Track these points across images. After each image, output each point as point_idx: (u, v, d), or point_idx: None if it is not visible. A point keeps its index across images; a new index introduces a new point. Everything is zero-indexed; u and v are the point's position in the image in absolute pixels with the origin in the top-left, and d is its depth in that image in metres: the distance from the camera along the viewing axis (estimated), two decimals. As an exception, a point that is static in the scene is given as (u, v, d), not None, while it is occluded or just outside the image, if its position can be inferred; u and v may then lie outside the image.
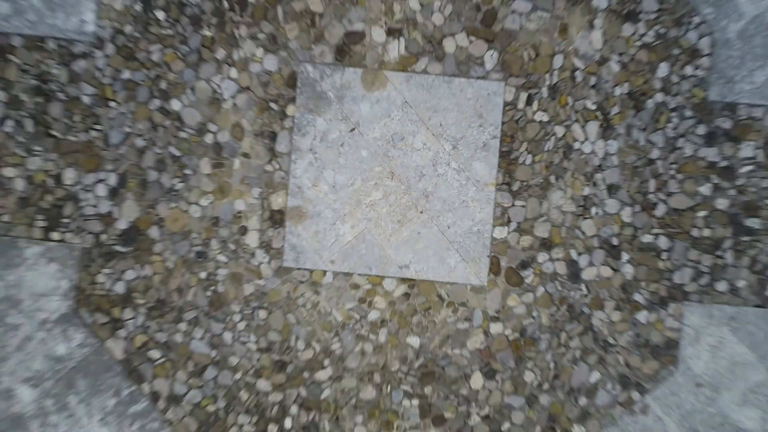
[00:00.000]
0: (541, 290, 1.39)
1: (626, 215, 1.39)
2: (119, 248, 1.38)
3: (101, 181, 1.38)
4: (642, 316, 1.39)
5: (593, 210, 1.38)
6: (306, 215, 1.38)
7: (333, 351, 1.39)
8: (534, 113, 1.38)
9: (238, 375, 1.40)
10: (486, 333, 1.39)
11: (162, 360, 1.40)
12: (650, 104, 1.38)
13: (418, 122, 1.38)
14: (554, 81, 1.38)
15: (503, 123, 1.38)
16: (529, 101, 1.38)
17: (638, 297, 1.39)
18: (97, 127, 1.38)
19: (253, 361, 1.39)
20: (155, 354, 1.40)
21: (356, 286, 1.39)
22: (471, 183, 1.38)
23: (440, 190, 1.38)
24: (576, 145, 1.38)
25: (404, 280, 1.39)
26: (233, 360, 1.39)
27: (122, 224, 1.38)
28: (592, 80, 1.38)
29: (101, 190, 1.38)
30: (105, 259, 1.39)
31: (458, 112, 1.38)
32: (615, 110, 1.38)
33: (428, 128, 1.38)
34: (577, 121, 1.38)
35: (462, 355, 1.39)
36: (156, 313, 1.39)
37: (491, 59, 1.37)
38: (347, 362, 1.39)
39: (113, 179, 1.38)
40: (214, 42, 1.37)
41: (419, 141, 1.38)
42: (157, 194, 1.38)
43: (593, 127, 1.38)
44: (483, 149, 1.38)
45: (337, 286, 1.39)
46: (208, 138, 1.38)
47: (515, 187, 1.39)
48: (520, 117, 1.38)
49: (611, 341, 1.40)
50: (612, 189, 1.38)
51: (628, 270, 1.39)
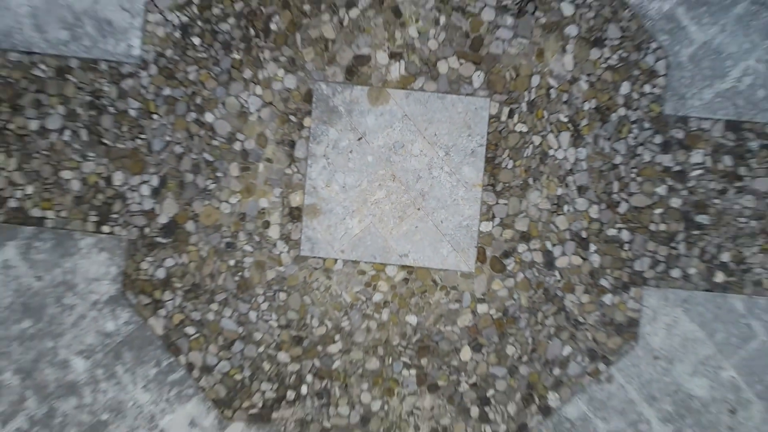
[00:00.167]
0: (521, 276, 1.62)
1: (594, 212, 1.62)
2: (160, 239, 1.62)
3: (145, 182, 1.62)
4: (607, 299, 1.63)
5: (565, 207, 1.62)
6: (320, 211, 1.61)
7: (343, 328, 1.63)
8: (515, 125, 1.61)
9: (261, 348, 1.63)
10: (473, 312, 1.62)
11: (196, 335, 1.63)
12: (614, 117, 1.61)
13: (416, 132, 1.61)
14: (532, 97, 1.61)
15: (488, 133, 1.61)
16: (511, 114, 1.61)
17: (604, 282, 1.63)
18: (142, 136, 1.61)
19: (274, 337, 1.63)
20: (190, 330, 1.63)
21: (362, 272, 1.62)
22: (461, 184, 1.61)
23: (435, 190, 1.62)
24: (551, 152, 1.61)
25: (404, 267, 1.62)
26: (257, 335, 1.63)
27: (163, 219, 1.62)
28: (565, 97, 1.61)
29: (145, 190, 1.62)
30: (148, 249, 1.62)
31: (450, 124, 1.61)
32: (584, 122, 1.61)
33: (424, 137, 1.61)
34: (552, 132, 1.61)
35: (453, 332, 1.63)
36: (191, 295, 1.62)
37: (478, 79, 1.61)
38: (355, 337, 1.63)
39: (155, 181, 1.62)
40: (242, 64, 1.61)
41: (417, 148, 1.62)
42: (193, 193, 1.62)
43: (565, 137, 1.61)
44: (471, 155, 1.61)
45: (346, 272, 1.63)
46: (237, 145, 1.62)
47: (499, 188, 1.62)
48: (503, 128, 1.61)
49: (581, 320, 1.63)
50: (581, 190, 1.62)
51: (595, 259, 1.62)
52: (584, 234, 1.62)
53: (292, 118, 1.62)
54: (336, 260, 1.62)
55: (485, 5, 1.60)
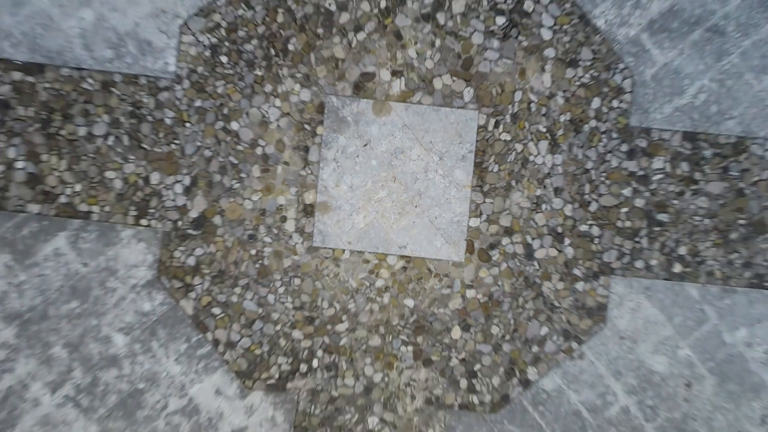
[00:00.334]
0: (504, 265, 1.87)
1: (568, 210, 1.86)
2: (191, 231, 1.86)
3: (178, 182, 1.86)
4: (579, 286, 1.87)
5: (543, 206, 1.86)
6: (330, 208, 1.86)
7: (349, 309, 1.87)
8: (500, 134, 1.85)
9: (278, 327, 1.87)
10: (463, 297, 1.87)
11: (221, 315, 1.87)
12: (586, 128, 1.86)
13: (414, 140, 1.86)
14: (515, 110, 1.86)
15: (477, 141, 1.86)
16: (497, 125, 1.85)
17: (577, 271, 1.87)
18: (176, 142, 1.85)
19: (289, 317, 1.87)
20: (216, 310, 1.87)
21: (366, 261, 1.86)
22: (453, 185, 1.86)
23: (430, 190, 1.86)
24: (531, 158, 1.86)
25: (402, 257, 1.86)
26: (274, 315, 1.87)
27: (194, 214, 1.86)
28: (543, 110, 1.86)
29: (178, 188, 1.86)
30: (180, 240, 1.86)
31: (444, 133, 1.85)
32: (560, 132, 1.86)
33: (421, 144, 1.86)
34: (532, 140, 1.86)
35: (445, 313, 1.87)
36: (217, 280, 1.87)
37: (468, 94, 1.85)
38: (359, 318, 1.87)
39: (187, 180, 1.86)
40: (264, 79, 1.85)
41: (415, 154, 1.86)
42: (220, 192, 1.86)
43: (544, 145, 1.86)
44: (462, 160, 1.86)
45: (353, 261, 1.87)
46: (258, 150, 1.86)
47: (485, 189, 1.86)
48: (490, 137, 1.86)
49: (556, 304, 1.87)
50: (557, 191, 1.86)
51: (569, 251, 1.86)
52: (560, 229, 1.86)
53: (307, 127, 1.86)
54: (344, 250, 1.86)
55: (475, 30, 1.84)
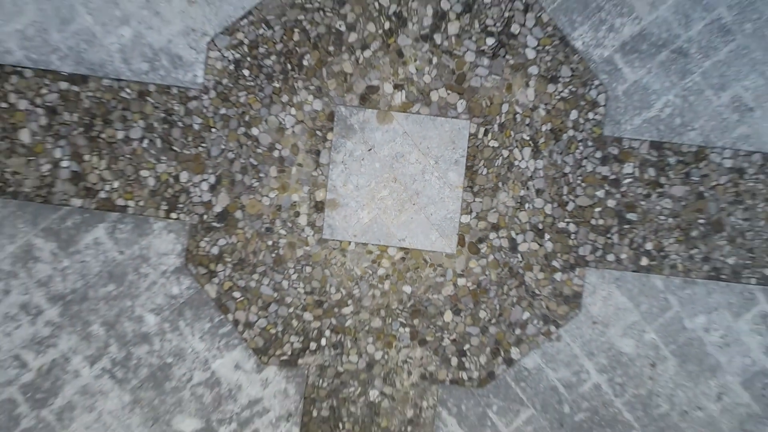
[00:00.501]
0: (491, 257, 2.11)
1: (548, 209, 2.11)
2: (215, 224, 2.11)
3: (204, 180, 2.11)
4: (558, 276, 2.11)
5: (526, 205, 2.11)
6: (338, 204, 2.10)
7: (354, 294, 2.12)
8: (488, 141, 2.10)
9: (291, 309, 2.12)
10: (454, 284, 2.11)
11: (241, 298, 2.12)
12: (565, 137, 2.10)
13: (413, 145, 2.11)
14: (502, 120, 2.10)
15: (468, 147, 2.10)
16: (486, 133, 2.10)
17: (555, 263, 2.11)
18: (203, 145, 2.10)
19: (301, 300, 2.12)
20: (237, 294, 2.12)
21: (370, 252, 2.11)
22: (446, 186, 2.10)
23: (426, 190, 2.10)
24: (516, 163, 2.10)
25: (401, 249, 2.11)
26: (288, 299, 2.12)
27: (218, 208, 2.11)
28: (527, 120, 2.10)
29: (204, 186, 2.11)
30: (205, 231, 2.11)
31: (439, 140, 2.10)
32: (542, 140, 2.10)
33: (419, 150, 2.10)
34: (517, 147, 2.10)
35: (438, 299, 2.11)
36: (238, 267, 2.11)
37: (461, 105, 2.10)
38: (363, 302, 2.12)
39: (212, 179, 2.10)
40: (281, 91, 2.10)
41: (413, 158, 2.10)
42: (241, 189, 2.11)
43: (527, 151, 2.10)
44: (455, 164, 2.10)
45: (358, 252, 2.11)
46: (275, 153, 2.10)
47: (475, 189, 2.11)
48: (479, 143, 2.10)
49: (537, 292, 2.12)
50: (539, 192, 2.11)
51: (549, 245, 2.11)
52: (540, 226, 2.11)
53: (318, 133, 2.11)
54: (350, 242, 2.11)
55: (467, 50, 2.09)
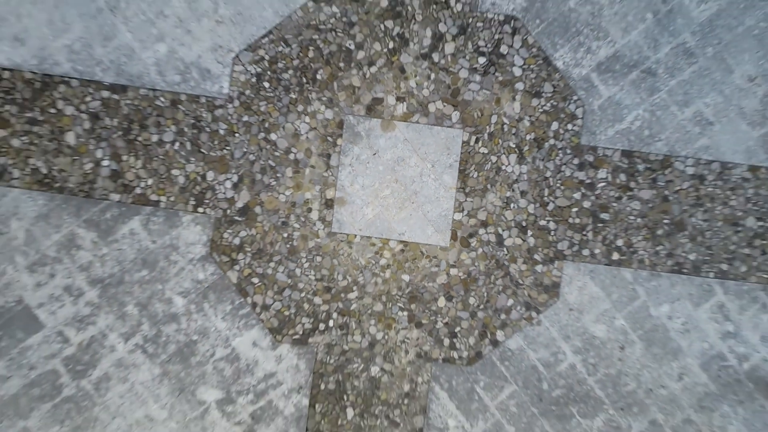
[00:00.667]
0: (480, 250, 2.39)
1: (531, 209, 2.39)
2: (237, 218, 2.39)
3: (228, 179, 2.38)
4: (539, 268, 2.39)
5: (512, 205, 2.39)
6: (346, 202, 2.38)
7: (358, 281, 2.40)
8: (479, 148, 2.38)
9: (303, 294, 2.40)
10: (448, 274, 2.39)
11: (259, 284, 2.40)
12: (547, 145, 2.38)
13: (413, 151, 2.39)
14: (491, 130, 2.38)
15: (461, 153, 2.38)
16: (477, 141, 2.38)
17: (537, 257, 2.39)
18: (227, 148, 2.38)
19: (312, 286, 2.39)
20: (255, 280, 2.40)
21: (373, 244, 2.39)
22: (441, 187, 2.38)
23: (424, 190, 2.38)
24: (503, 167, 2.38)
25: (401, 242, 2.39)
26: (300, 285, 2.39)
27: (239, 204, 2.39)
28: (513, 130, 2.38)
29: (228, 184, 2.38)
30: (228, 224, 2.39)
31: (436, 146, 2.38)
32: (526, 148, 2.38)
33: (418, 155, 2.38)
34: (504, 154, 2.38)
35: (433, 287, 2.39)
36: (256, 256, 2.39)
37: (455, 116, 2.38)
38: (366, 288, 2.39)
39: (235, 178, 2.38)
40: (297, 101, 2.38)
41: (413, 162, 2.38)
42: (260, 187, 2.39)
43: (513, 158, 2.38)
44: (449, 168, 2.38)
45: (362, 244, 2.39)
46: (291, 156, 2.38)
47: (467, 190, 2.39)
48: (471, 150, 2.38)
49: (520, 282, 2.40)
50: (523, 193, 2.39)
51: (531, 240, 2.39)
52: (524, 223, 2.39)
53: (329, 139, 2.39)
54: (356, 235, 2.39)
55: (462, 67, 2.37)
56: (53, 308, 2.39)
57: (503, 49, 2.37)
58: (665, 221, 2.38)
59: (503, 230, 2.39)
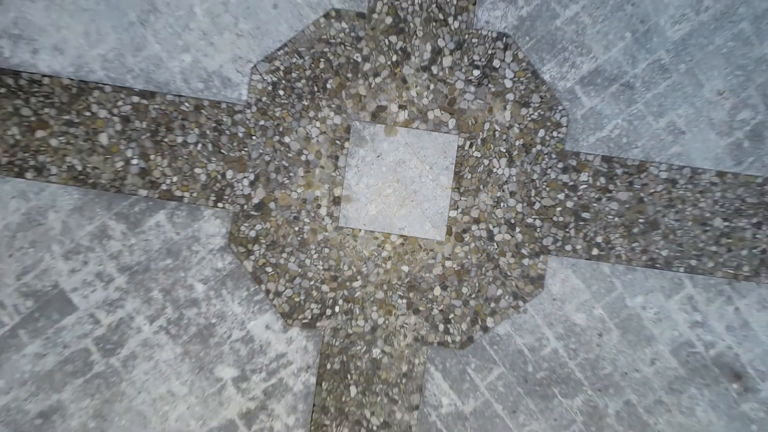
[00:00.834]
0: (473, 245, 2.64)
1: (519, 208, 2.64)
2: (253, 213, 2.64)
3: (245, 177, 2.63)
4: (526, 261, 2.64)
5: (502, 204, 2.64)
6: (352, 199, 2.64)
7: (362, 271, 2.65)
8: (473, 152, 2.63)
9: (312, 282, 2.65)
10: (443, 266, 2.64)
11: (272, 272, 2.65)
12: (534, 150, 2.63)
13: (412, 154, 2.64)
14: (484, 136, 2.63)
15: (456, 156, 2.63)
16: (471, 146, 2.63)
17: (524, 251, 2.64)
18: (245, 149, 2.63)
19: (320, 275, 2.65)
20: (269, 269, 2.65)
21: (376, 238, 2.64)
22: (438, 187, 2.63)
23: (422, 190, 2.64)
24: (494, 170, 2.63)
25: (401, 236, 2.64)
26: (310, 274, 2.65)
27: (255, 200, 2.64)
28: (504, 136, 2.63)
29: (245, 182, 2.63)
30: (245, 218, 2.64)
31: (433, 150, 2.63)
32: (515, 153, 2.63)
33: (417, 157, 2.64)
34: (495, 158, 2.63)
35: (429, 277, 2.64)
36: (270, 248, 2.64)
37: (452, 123, 2.63)
38: (369, 278, 2.65)
39: (252, 176, 2.63)
40: (309, 108, 2.63)
41: (413, 164, 2.64)
42: (275, 185, 2.64)
43: (503, 161, 2.63)
44: (445, 169, 2.63)
45: (366, 238, 2.65)
46: (303, 157, 2.64)
47: (461, 190, 2.64)
48: (465, 154, 2.64)
49: (509, 274, 2.65)
50: (512, 194, 2.64)
51: (519, 236, 2.64)
52: (512, 221, 2.64)
53: (337, 142, 2.64)
54: (360, 230, 2.64)
55: (458, 79, 2.62)
56: (86, 292, 2.64)
57: (496, 63, 2.62)
58: (640, 220, 2.63)
59: (494, 227, 2.64)
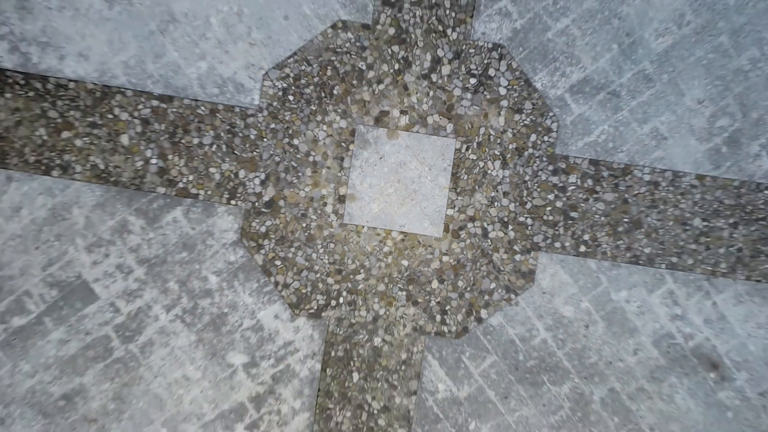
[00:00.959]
0: (468, 241, 2.83)
1: (512, 207, 2.83)
2: (263, 210, 2.83)
3: (257, 177, 2.82)
4: (518, 257, 2.83)
5: (495, 203, 2.83)
6: (356, 198, 2.83)
7: (365, 265, 2.84)
8: (469, 155, 2.82)
9: (318, 275, 2.84)
10: (440, 261, 2.83)
11: (281, 266, 2.84)
12: (526, 154, 2.82)
13: (413, 156, 2.83)
14: (480, 140, 2.82)
15: (454, 159, 2.82)
16: (467, 149, 2.82)
17: (516, 247, 2.83)
18: (257, 150, 2.82)
19: (325, 268, 2.83)
20: (278, 263, 2.84)
21: (378, 234, 2.83)
22: (437, 187, 2.82)
23: (421, 189, 2.83)
24: (489, 171, 2.82)
25: (402, 233, 2.83)
26: (316, 267, 2.83)
27: (266, 198, 2.83)
28: (498, 140, 2.82)
29: (257, 181, 2.82)
30: (256, 215, 2.83)
31: (432, 152, 2.82)
32: (509, 156, 2.82)
33: (417, 159, 2.83)
34: (490, 160, 2.82)
35: (428, 271, 2.83)
36: (279, 243, 2.83)
37: (450, 128, 2.82)
38: (372, 271, 2.84)
39: (263, 176, 2.82)
40: (316, 112, 2.82)
41: (413, 165, 2.83)
42: (284, 184, 2.83)
43: (498, 163, 2.82)
44: (443, 171, 2.82)
45: (369, 234, 2.84)
46: (310, 158, 2.82)
47: (458, 190, 2.83)
48: (462, 156, 2.83)
49: (502, 268, 2.84)
50: (505, 194, 2.83)
51: (512, 234, 2.83)
52: (506, 219, 2.83)
53: (343, 144, 2.83)
54: (363, 226, 2.83)
55: (455, 86, 2.81)
56: (107, 283, 2.83)
57: (491, 72, 2.81)
58: (625, 220, 2.82)
59: (488, 224, 2.83)
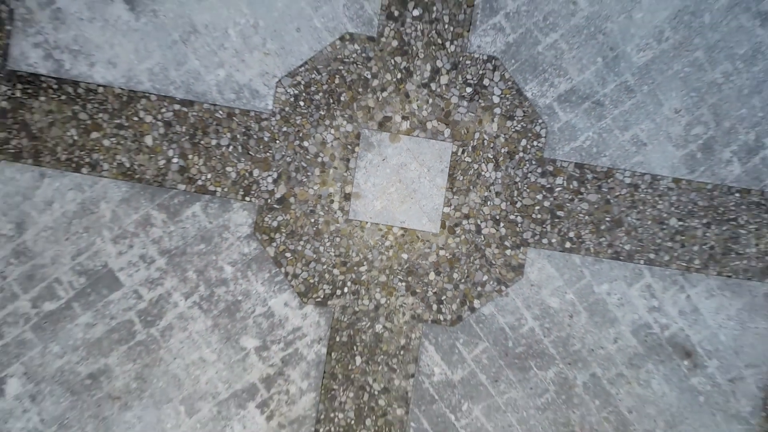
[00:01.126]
0: (463, 237, 3.08)
1: (503, 206, 3.08)
2: (275, 206, 3.08)
3: (270, 176, 3.07)
4: (508, 252, 3.08)
5: (488, 202, 3.08)
6: (360, 196, 3.08)
7: (368, 258, 3.09)
8: (464, 158, 3.07)
9: (324, 266, 3.09)
10: (437, 254, 3.08)
11: (291, 257, 3.09)
12: (517, 157, 3.07)
13: (413, 158, 3.08)
14: (474, 144, 3.07)
15: (450, 161, 3.08)
16: (463, 152, 3.07)
17: (507, 243, 3.08)
18: (270, 151, 3.07)
19: (332, 261, 3.09)
20: (288, 255, 3.09)
21: (380, 230, 3.08)
22: (435, 187, 3.08)
23: (421, 189, 3.08)
24: (482, 173, 3.07)
25: (402, 228, 3.08)
26: (323, 259, 3.08)
27: (278, 195, 3.08)
28: (492, 145, 3.07)
29: (269, 180, 3.07)
30: (269, 210, 3.08)
31: (431, 155, 3.07)
32: (501, 159, 3.07)
33: (417, 161, 3.08)
34: (483, 162, 3.08)
35: (426, 264, 3.08)
36: (290, 236, 3.08)
37: (447, 132, 3.07)
38: (374, 263, 3.09)
39: (275, 175, 3.07)
40: (325, 117, 3.07)
41: (413, 167, 3.08)
42: (295, 183, 3.08)
43: (491, 166, 3.07)
44: (441, 172, 3.07)
45: (372, 229, 3.09)
46: (319, 159, 3.07)
47: (454, 190, 3.08)
48: (458, 159, 3.08)
49: (493, 262, 3.09)
50: (497, 194, 3.08)
51: (503, 230, 3.08)
52: (497, 217, 3.08)
53: (349, 147, 3.08)
54: (367, 222, 3.08)
55: (453, 94, 3.07)
56: (131, 272, 3.08)
57: (486, 82, 3.06)
58: (607, 219, 3.07)
59: (481, 222, 3.08)
